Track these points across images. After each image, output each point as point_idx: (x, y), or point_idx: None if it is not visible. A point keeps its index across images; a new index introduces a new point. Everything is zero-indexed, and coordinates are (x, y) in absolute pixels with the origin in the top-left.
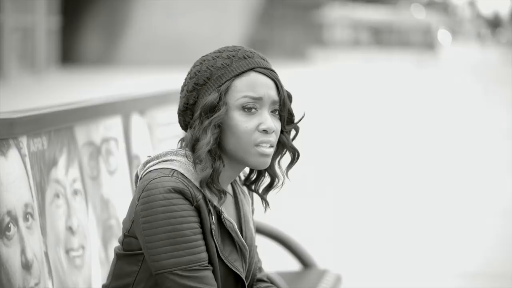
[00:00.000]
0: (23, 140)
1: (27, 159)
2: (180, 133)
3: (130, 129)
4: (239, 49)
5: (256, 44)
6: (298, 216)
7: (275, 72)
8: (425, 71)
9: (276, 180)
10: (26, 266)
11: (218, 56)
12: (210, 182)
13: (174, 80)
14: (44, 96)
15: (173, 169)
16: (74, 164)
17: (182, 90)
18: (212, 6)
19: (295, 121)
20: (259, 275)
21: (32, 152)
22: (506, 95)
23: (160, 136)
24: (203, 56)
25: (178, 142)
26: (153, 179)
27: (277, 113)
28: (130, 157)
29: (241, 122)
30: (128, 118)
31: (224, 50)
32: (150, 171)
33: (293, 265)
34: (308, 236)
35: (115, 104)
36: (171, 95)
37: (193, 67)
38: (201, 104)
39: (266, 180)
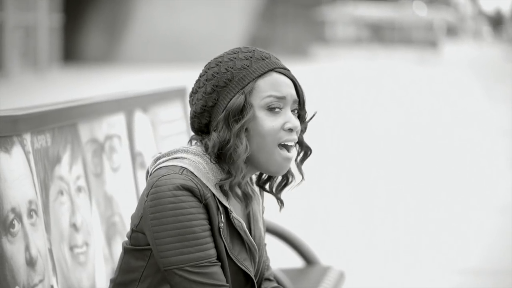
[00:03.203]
0: (27, 137)
1: (31, 156)
2: (183, 129)
3: (133, 126)
4: (254, 50)
5: (258, 41)
6: (302, 213)
7: (291, 72)
8: (427, 68)
9: (291, 178)
10: (30, 262)
11: (236, 58)
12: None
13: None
14: (47, 94)
15: (183, 167)
16: (77, 161)
17: (196, 92)
18: (214, 4)
19: (307, 119)
20: (266, 274)
21: (36, 149)
22: (508, 92)
23: (163, 133)
24: (216, 58)
25: (188, 143)
26: (163, 176)
27: (296, 112)
28: (134, 154)
29: (267, 121)
30: (131, 115)
31: (238, 52)
32: (160, 167)
33: (297, 261)
34: (312, 233)
35: (118, 101)
36: (174, 92)
37: (208, 69)
38: (223, 106)
39: (279, 179)
